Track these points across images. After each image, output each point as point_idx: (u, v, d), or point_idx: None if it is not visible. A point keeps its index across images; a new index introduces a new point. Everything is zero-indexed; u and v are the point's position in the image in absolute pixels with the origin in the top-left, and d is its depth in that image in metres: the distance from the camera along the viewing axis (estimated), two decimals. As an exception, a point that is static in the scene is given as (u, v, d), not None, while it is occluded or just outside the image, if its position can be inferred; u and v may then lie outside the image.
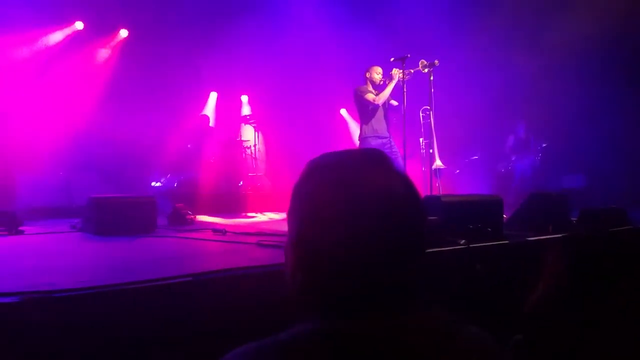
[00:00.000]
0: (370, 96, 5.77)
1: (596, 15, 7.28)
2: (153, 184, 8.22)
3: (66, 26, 8.06)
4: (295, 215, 0.81)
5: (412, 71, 5.70)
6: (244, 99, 10.42)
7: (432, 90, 5.69)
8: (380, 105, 5.77)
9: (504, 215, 4.05)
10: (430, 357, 0.72)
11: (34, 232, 4.42)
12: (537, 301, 1.31)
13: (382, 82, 5.86)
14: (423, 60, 5.63)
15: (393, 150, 5.82)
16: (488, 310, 2.55)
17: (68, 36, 8.09)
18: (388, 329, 0.72)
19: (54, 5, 7.52)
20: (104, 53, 8.53)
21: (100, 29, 8.35)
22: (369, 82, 5.93)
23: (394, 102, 5.96)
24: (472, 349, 0.76)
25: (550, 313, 1.30)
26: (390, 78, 5.76)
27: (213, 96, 10.11)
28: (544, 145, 8.35)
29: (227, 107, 10.08)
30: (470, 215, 3.51)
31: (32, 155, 6.95)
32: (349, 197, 0.74)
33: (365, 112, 5.88)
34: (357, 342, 0.70)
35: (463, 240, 3.18)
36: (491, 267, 3.07)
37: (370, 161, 0.79)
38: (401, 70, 5.65)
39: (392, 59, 5.74)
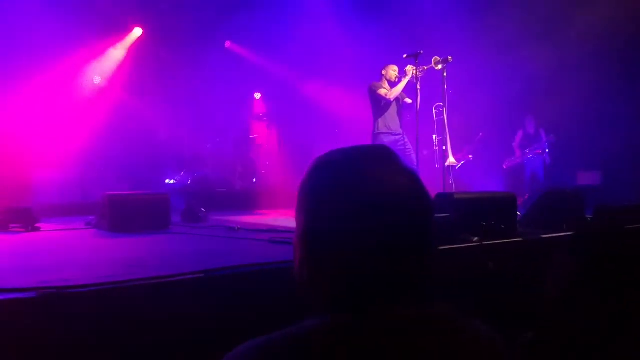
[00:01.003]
0: (383, 91, 5.79)
1: (610, 11, 7.15)
2: (167, 181, 8.29)
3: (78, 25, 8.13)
4: (301, 212, 0.82)
5: (426, 68, 5.68)
6: (257, 96, 10.44)
7: (446, 87, 5.65)
8: (392, 100, 5.78)
9: (518, 213, 4.01)
10: (433, 352, 0.72)
11: (49, 229, 4.48)
12: (550, 299, 1.30)
13: (397, 80, 5.86)
14: (436, 57, 5.60)
15: (407, 147, 5.82)
16: (500, 307, 2.53)
17: (82, 35, 8.15)
18: (391, 324, 0.73)
19: (66, 5, 7.58)
20: (117, 51, 8.60)
21: (114, 27, 8.41)
22: (384, 79, 5.96)
23: (408, 100, 5.95)
24: (476, 344, 0.76)
25: (563, 311, 1.28)
26: (404, 74, 5.76)
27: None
28: (551, 140, 8.19)
29: (240, 105, 10.11)
30: (483, 212, 3.48)
31: (48, 152, 7.04)
32: (353, 193, 0.75)
33: (378, 107, 5.90)
34: (360, 337, 0.71)
35: (476, 238, 3.16)
36: (504, 265, 3.04)
37: (375, 157, 0.80)
38: (414, 67, 5.64)
39: (405, 56, 5.72)
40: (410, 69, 5.70)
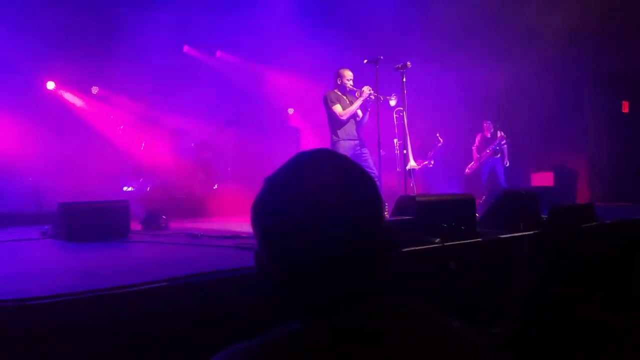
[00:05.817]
0: (337, 109, 5.67)
1: (569, 17, 7.39)
2: (125, 188, 8.07)
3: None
4: (254, 232, 0.83)
5: (382, 98, 5.68)
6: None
7: (405, 92, 5.75)
8: (345, 120, 5.69)
9: (477, 214, 4.12)
10: (413, 351, 0.72)
11: (1, 240, 4.28)
12: (512, 296, 1.35)
13: (351, 87, 5.77)
14: (392, 100, 5.69)
15: (363, 152, 5.75)
16: (463, 306, 2.59)
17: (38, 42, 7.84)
18: (365, 327, 0.73)
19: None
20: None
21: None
22: (337, 88, 5.83)
23: (359, 113, 5.85)
24: (455, 343, 0.76)
25: (524, 308, 1.33)
26: (360, 93, 5.68)
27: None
28: (504, 143, 8.46)
29: (201, 110, 9.95)
30: (444, 214, 3.56)
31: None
32: (290, 208, 0.76)
33: (333, 117, 5.80)
34: (329, 343, 0.72)
35: (438, 239, 3.23)
36: (465, 265, 3.12)
37: (310, 166, 0.80)
38: (371, 89, 5.60)
39: (365, 61, 5.76)
40: (366, 90, 5.62)
